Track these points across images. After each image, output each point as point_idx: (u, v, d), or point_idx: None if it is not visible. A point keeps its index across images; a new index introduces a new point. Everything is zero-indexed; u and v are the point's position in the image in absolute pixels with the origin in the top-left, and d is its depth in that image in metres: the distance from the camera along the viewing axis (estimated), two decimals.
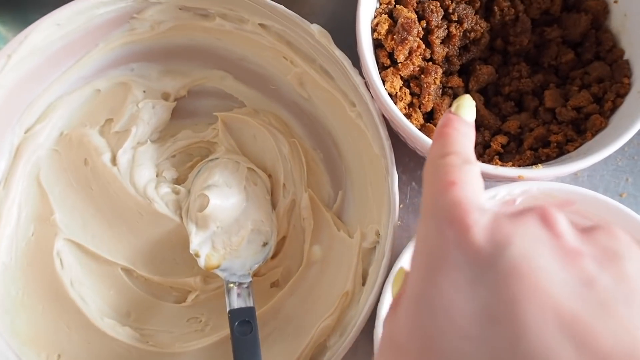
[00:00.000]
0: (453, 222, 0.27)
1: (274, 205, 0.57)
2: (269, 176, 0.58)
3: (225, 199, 0.55)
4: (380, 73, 0.52)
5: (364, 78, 0.52)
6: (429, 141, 0.48)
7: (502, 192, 0.47)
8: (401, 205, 0.60)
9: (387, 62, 0.53)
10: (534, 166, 0.49)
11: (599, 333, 0.23)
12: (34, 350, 0.54)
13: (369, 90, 0.51)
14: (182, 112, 0.61)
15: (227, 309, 0.50)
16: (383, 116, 0.51)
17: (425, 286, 0.27)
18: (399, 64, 0.53)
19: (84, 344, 0.54)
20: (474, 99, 0.55)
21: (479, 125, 0.55)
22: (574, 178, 0.61)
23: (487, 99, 0.56)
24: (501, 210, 0.28)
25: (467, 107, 0.34)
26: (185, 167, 0.59)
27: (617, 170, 0.61)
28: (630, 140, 0.61)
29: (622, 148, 0.61)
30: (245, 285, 0.52)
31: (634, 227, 0.47)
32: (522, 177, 0.47)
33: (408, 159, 0.61)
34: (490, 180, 0.49)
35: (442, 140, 0.32)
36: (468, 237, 0.26)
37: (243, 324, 0.48)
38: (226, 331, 0.53)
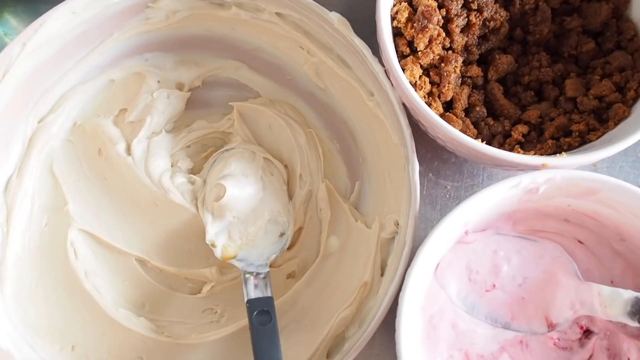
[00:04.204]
0: None
1: (290, 196, 0.57)
2: (285, 167, 0.57)
3: (241, 188, 0.54)
4: (399, 62, 0.52)
5: (383, 66, 0.51)
6: (450, 129, 0.48)
7: (525, 180, 0.46)
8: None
9: (407, 50, 0.53)
10: (557, 154, 0.48)
11: None
12: (47, 341, 0.53)
13: (388, 79, 0.51)
14: (196, 102, 0.60)
15: (245, 299, 0.49)
16: (403, 105, 0.51)
17: None
18: (419, 53, 0.52)
19: (99, 335, 0.53)
20: (493, 88, 0.54)
21: (499, 114, 0.54)
22: (593, 169, 0.60)
23: (507, 89, 0.56)
24: None
25: None
26: (200, 157, 0.59)
27: (636, 162, 0.60)
28: None
29: None
30: (263, 276, 0.51)
31: None
32: (545, 165, 0.46)
33: (425, 151, 0.60)
34: (513, 169, 0.48)
35: None
36: None
37: (262, 314, 0.47)
38: (242, 322, 0.53)
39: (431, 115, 0.48)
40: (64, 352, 0.53)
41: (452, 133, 0.47)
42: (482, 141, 0.49)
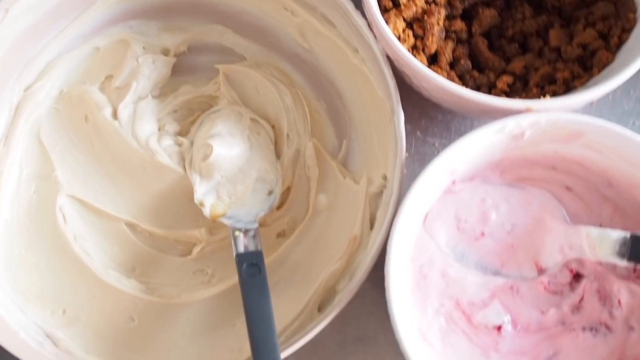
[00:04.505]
0: None
1: (278, 156, 0.57)
2: (273, 127, 0.57)
3: (228, 148, 0.54)
4: (382, 16, 0.52)
5: (366, 19, 0.51)
6: (434, 75, 0.48)
7: (510, 124, 0.46)
8: (406, 154, 0.59)
9: (389, 4, 0.53)
10: (541, 97, 0.48)
11: None
12: (38, 306, 0.53)
13: (372, 31, 0.51)
14: (182, 68, 0.60)
15: (234, 254, 0.49)
16: (387, 57, 0.51)
17: None
18: (402, 6, 0.52)
19: (89, 297, 0.53)
20: (477, 42, 0.54)
21: (484, 67, 0.54)
22: None
23: (491, 43, 0.56)
24: None
25: None
26: (187, 121, 0.59)
27: (623, 115, 0.60)
28: (636, 84, 0.61)
29: (627, 91, 0.61)
30: (252, 232, 0.51)
31: None
32: (530, 109, 0.46)
33: (412, 109, 0.60)
34: (497, 116, 0.48)
35: None
36: None
37: (251, 267, 0.47)
38: (233, 280, 0.53)
39: (415, 64, 0.48)
40: (55, 316, 0.53)
41: (437, 80, 0.47)
42: None
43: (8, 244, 0.54)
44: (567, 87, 0.51)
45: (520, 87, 0.53)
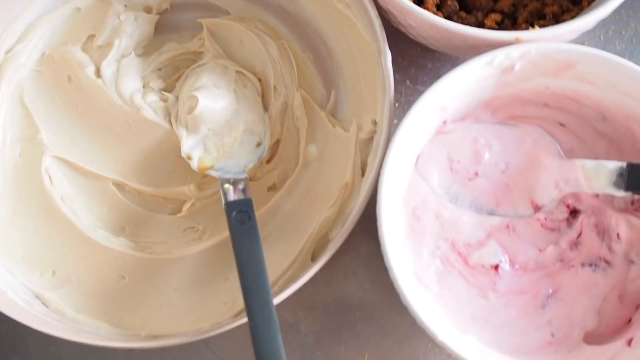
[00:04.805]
0: None
1: (265, 108, 0.56)
2: (259, 80, 0.56)
3: (214, 100, 0.53)
4: None
5: None
6: (421, 11, 0.47)
7: (499, 55, 0.45)
8: (397, 104, 0.59)
9: None
10: (530, 28, 0.47)
11: None
12: (27, 268, 0.52)
13: None
14: (166, 26, 0.59)
15: (223, 203, 0.48)
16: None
17: None
18: None
19: (79, 257, 0.52)
20: None
21: (471, 8, 0.53)
22: None
23: None
24: None
25: None
26: (172, 79, 0.58)
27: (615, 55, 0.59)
28: (628, 24, 0.60)
29: (620, 32, 0.60)
30: (241, 183, 0.50)
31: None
32: (519, 39, 0.45)
33: (401, 58, 0.59)
34: (487, 51, 0.47)
35: None
36: None
37: (240, 214, 0.46)
38: (224, 235, 0.52)
39: (401, 0, 0.47)
40: (45, 278, 0.52)
41: (423, 15, 0.46)
42: None
43: None
44: (557, 22, 0.50)
45: (509, 25, 0.52)
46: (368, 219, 0.47)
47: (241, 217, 0.46)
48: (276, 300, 0.45)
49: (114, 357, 0.55)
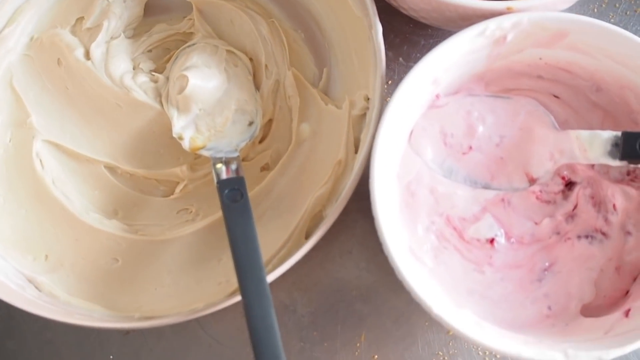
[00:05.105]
0: None
1: (257, 87, 0.55)
2: (250, 59, 0.56)
3: (205, 79, 0.52)
4: None
5: None
6: None
7: (491, 25, 0.44)
8: (389, 82, 0.58)
9: None
10: None
11: None
12: (19, 252, 0.52)
13: None
14: (155, 8, 0.58)
15: (215, 182, 0.48)
16: None
17: None
18: None
19: (72, 241, 0.52)
20: None
21: None
22: None
23: None
24: None
25: None
26: (163, 60, 0.57)
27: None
28: None
29: (613, 4, 0.59)
30: (233, 163, 0.50)
31: (635, 50, 0.44)
32: (511, 9, 0.45)
33: (394, 36, 0.59)
34: (478, 20, 0.46)
35: None
36: None
37: (232, 192, 0.46)
38: (218, 215, 0.51)
39: None
40: (38, 262, 0.52)
41: None
42: None
43: None
44: None
45: None
46: (362, 198, 0.46)
47: (233, 194, 0.46)
48: (270, 278, 0.45)
49: (108, 343, 0.55)
